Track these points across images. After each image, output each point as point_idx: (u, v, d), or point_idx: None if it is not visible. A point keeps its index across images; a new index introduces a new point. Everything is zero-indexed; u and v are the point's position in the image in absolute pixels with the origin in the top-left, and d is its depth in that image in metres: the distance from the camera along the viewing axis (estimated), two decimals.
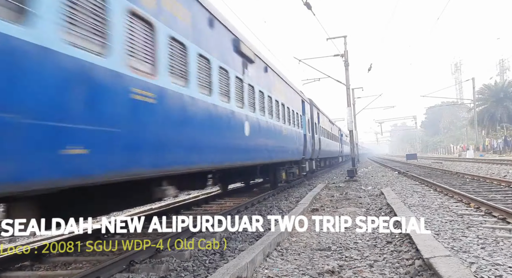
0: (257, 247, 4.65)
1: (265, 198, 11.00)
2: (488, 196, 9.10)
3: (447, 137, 73.32)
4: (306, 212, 8.25)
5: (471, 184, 12.20)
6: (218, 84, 6.31)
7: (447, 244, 4.77)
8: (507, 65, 73.10)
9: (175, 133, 4.90)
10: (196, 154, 5.50)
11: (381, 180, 16.18)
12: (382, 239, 5.60)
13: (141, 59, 4.27)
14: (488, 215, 6.81)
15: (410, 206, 7.90)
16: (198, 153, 5.56)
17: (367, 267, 4.28)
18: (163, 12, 4.70)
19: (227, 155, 6.89)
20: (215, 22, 6.41)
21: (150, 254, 4.97)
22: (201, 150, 5.64)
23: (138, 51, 4.21)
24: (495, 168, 19.51)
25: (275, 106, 10.66)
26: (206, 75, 5.91)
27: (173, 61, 4.93)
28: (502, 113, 48.95)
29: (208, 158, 5.93)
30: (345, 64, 20.15)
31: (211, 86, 6.05)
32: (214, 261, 4.92)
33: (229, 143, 6.92)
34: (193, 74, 5.39)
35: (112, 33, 3.73)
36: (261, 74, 9.55)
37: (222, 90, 6.54)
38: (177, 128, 4.97)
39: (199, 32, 5.79)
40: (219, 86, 6.41)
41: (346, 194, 11.67)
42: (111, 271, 4.21)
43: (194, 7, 5.69)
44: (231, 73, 7.01)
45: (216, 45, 6.46)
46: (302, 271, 4.22)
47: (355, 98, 35.65)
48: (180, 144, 5.00)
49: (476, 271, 3.69)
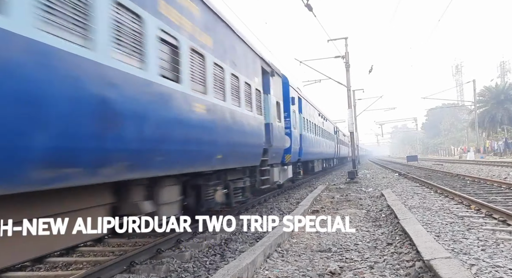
0: (257, 248, 4.65)
1: (266, 200, 11.00)
2: (489, 198, 9.10)
3: (448, 139, 73.26)
4: (307, 213, 8.25)
5: (471, 186, 12.19)
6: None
7: (447, 246, 4.77)
8: (508, 67, 73.10)
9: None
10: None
11: (381, 182, 16.18)
12: (382, 240, 5.60)
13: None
14: (489, 217, 6.81)
15: (410, 208, 7.90)
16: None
17: (367, 268, 4.29)
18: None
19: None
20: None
21: (150, 255, 4.98)
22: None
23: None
24: (495, 170, 19.50)
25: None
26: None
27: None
28: (502, 115, 48.92)
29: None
30: (346, 65, 20.17)
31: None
32: (215, 262, 4.93)
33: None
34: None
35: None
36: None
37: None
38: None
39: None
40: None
41: (346, 195, 11.67)
42: (111, 272, 4.21)
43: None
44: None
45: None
46: (302, 273, 4.22)
47: (356, 99, 35.66)
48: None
49: (476, 273, 3.69)
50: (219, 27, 6.60)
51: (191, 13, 5.52)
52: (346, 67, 20.18)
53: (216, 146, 6.17)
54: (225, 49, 6.77)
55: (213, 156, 6.10)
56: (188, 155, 5.39)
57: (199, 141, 5.57)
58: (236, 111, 7.07)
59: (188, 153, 5.37)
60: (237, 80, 7.25)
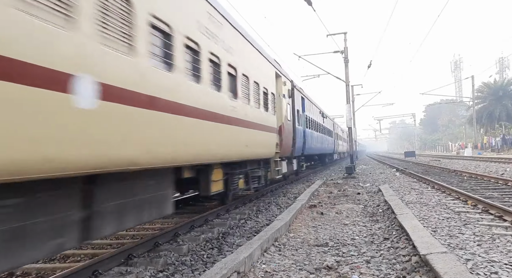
0: (254, 242, 4.67)
1: (263, 194, 11.02)
2: (486, 194, 9.14)
3: (446, 135, 73.43)
4: (304, 208, 8.28)
5: (468, 182, 12.24)
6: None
7: (443, 241, 4.80)
8: (507, 64, 73.20)
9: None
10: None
11: (379, 177, 16.22)
12: (379, 235, 5.62)
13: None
14: (485, 213, 6.84)
15: (407, 203, 7.93)
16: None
17: (364, 263, 4.31)
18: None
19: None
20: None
21: (148, 248, 5.00)
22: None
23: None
24: (493, 166, 19.57)
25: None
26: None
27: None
28: (500, 111, 49.04)
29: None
30: (344, 60, 20.13)
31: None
32: (212, 255, 4.95)
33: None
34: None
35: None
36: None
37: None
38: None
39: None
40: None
41: (344, 190, 11.71)
42: (109, 264, 4.22)
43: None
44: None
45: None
46: (299, 267, 4.24)
47: (354, 95, 35.63)
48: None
49: (472, 268, 3.71)
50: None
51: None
52: (345, 62, 20.14)
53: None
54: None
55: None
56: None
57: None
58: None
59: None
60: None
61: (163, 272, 4.22)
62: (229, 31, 6.65)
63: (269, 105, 9.30)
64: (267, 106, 9.17)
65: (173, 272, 4.26)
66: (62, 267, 4.24)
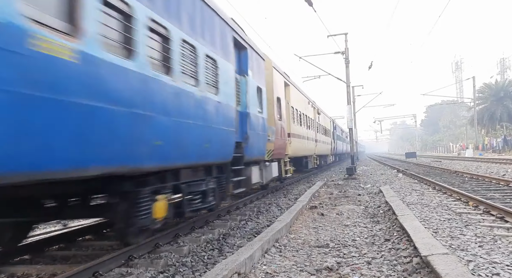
0: (255, 243, 4.66)
1: (264, 195, 11.02)
2: (487, 194, 9.12)
3: (447, 136, 73.35)
4: (305, 209, 8.27)
5: (470, 183, 12.22)
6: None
7: (445, 242, 4.78)
8: (508, 64, 73.08)
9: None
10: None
11: (380, 178, 16.20)
12: (380, 236, 5.61)
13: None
14: (487, 214, 6.83)
15: (408, 204, 7.92)
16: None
17: (365, 264, 4.30)
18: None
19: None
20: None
21: (149, 249, 4.99)
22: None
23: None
24: (494, 167, 19.54)
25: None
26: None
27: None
28: (502, 112, 48.97)
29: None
30: (345, 61, 20.13)
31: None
32: (213, 256, 4.94)
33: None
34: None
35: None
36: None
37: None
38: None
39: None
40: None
41: (345, 191, 11.69)
42: (110, 265, 4.22)
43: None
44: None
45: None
46: (300, 268, 4.23)
47: (355, 96, 35.65)
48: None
49: (473, 269, 3.70)
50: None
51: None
52: (345, 63, 20.14)
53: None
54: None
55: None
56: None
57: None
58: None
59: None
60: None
61: (164, 273, 4.21)
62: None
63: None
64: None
65: (174, 273, 4.25)
66: (63, 268, 4.24)
